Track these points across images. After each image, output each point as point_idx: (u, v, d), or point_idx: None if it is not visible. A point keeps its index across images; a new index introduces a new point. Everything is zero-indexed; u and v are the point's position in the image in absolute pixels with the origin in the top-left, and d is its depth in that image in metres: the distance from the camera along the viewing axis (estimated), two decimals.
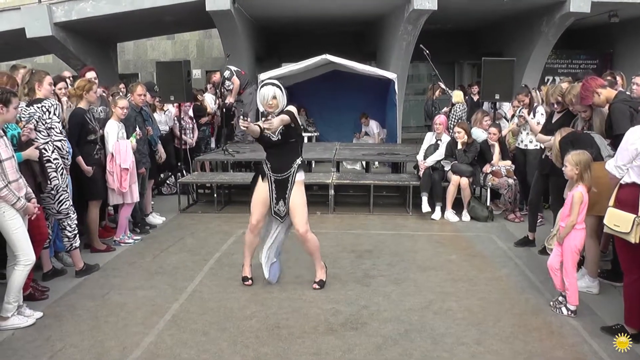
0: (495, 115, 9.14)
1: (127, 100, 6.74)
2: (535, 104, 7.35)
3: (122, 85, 8.91)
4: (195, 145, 10.13)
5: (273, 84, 4.91)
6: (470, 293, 5.04)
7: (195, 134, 10.02)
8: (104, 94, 7.48)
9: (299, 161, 4.97)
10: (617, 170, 4.03)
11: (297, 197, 4.95)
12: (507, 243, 6.57)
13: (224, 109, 10.73)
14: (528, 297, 4.94)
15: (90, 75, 6.90)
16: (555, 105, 6.16)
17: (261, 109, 5.02)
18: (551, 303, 4.65)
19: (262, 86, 4.99)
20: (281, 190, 4.99)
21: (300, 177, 5.00)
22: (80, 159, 5.86)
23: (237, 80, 10.75)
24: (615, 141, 4.65)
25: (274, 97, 4.83)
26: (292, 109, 4.91)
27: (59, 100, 5.99)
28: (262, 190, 5.07)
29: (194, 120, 10.06)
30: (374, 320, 4.46)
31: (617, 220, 3.93)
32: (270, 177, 5.01)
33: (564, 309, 4.50)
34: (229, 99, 10.71)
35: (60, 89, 6.14)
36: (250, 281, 5.26)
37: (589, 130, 5.22)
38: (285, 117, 4.74)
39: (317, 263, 5.20)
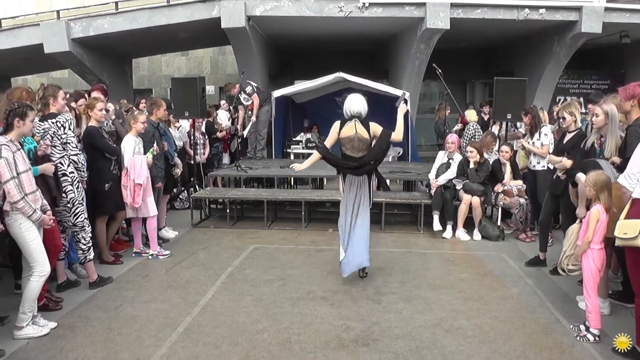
0: (507, 134, 9.17)
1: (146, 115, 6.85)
2: (542, 124, 7.41)
3: (143, 101, 8.92)
4: (207, 160, 10.21)
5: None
6: (481, 311, 5.04)
7: (206, 150, 10.11)
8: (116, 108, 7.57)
9: None
10: (627, 180, 4.07)
11: None
12: (518, 262, 6.57)
13: (242, 126, 10.82)
14: (539, 316, 4.94)
15: (95, 95, 6.86)
16: (561, 120, 6.25)
17: None
18: (574, 334, 4.51)
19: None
20: None
21: None
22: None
23: (257, 98, 10.74)
24: (622, 164, 4.67)
25: None
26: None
27: (79, 115, 6.10)
28: None
29: (206, 137, 10.16)
30: (385, 336, 4.48)
31: (627, 228, 3.96)
32: None
33: (589, 336, 4.40)
34: (252, 117, 10.74)
35: (80, 105, 6.23)
36: None
37: (600, 147, 5.24)
38: None
39: None
